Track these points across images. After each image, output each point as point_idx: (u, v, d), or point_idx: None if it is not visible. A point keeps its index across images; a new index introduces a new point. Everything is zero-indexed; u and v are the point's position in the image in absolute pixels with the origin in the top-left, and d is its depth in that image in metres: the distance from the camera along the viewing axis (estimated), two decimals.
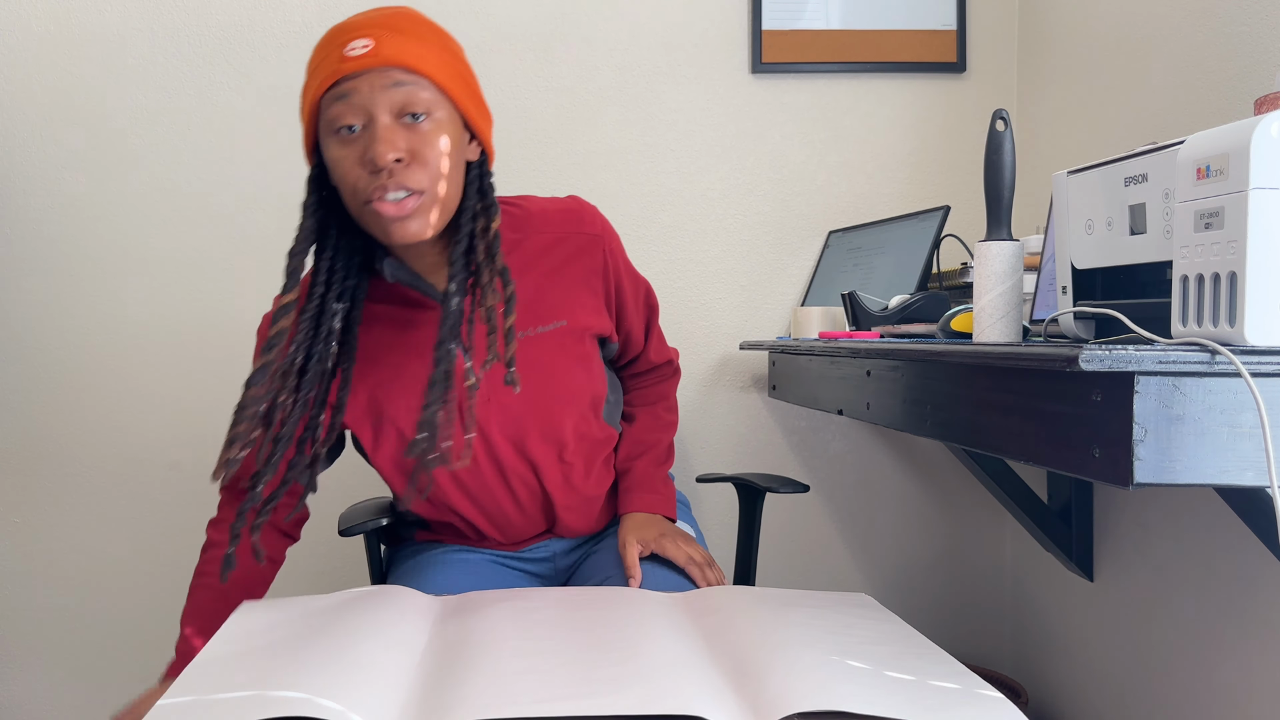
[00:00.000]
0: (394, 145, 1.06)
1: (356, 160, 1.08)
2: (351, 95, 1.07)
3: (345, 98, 1.07)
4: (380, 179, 1.07)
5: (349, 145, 1.08)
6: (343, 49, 1.08)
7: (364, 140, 1.08)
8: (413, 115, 1.08)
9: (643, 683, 0.80)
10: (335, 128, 1.08)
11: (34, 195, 1.99)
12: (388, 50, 1.07)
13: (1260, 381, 0.76)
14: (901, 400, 1.24)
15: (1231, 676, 1.48)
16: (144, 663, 2.04)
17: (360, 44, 1.07)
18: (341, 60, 1.07)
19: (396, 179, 1.07)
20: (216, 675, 0.85)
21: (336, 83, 1.07)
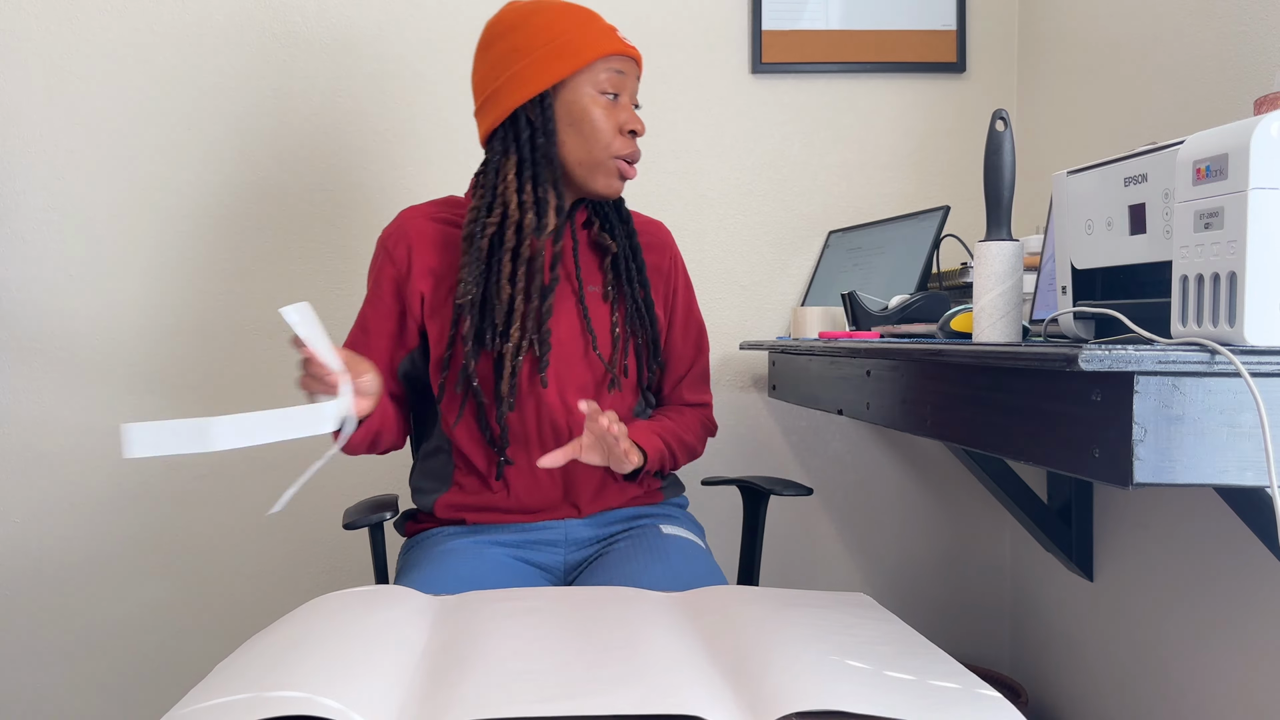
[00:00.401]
0: (644, 125, 1.37)
1: (615, 123, 1.34)
2: (625, 72, 1.34)
3: (620, 72, 1.34)
4: (632, 145, 1.35)
5: (610, 109, 1.34)
6: (615, 33, 1.34)
7: (623, 111, 1.34)
8: (635, 105, 1.39)
9: (641, 682, 0.80)
10: (603, 89, 1.33)
11: (34, 195, 1.99)
12: (638, 53, 1.38)
13: (1260, 381, 0.76)
14: (901, 400, 1.24)
15: (1231, 676, 1.48)
16: (144, 662, 2.04)
17: (623, 36, 1.36)
18: (621, 42, 1.34)
19: (636, 150, 1.37)
20: (221, 679, 0.85)
21: (616, 55, 1.33)
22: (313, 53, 2.02)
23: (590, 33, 1.32)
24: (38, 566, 2.02)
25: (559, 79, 1.31)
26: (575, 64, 1.31)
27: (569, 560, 1.42)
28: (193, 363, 2.03)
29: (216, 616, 2.05)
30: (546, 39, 1.31)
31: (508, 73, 1.33)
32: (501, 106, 1.33)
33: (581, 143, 1.33)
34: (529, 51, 1.32)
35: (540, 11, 1.34)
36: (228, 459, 2.04)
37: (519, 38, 1.33)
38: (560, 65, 1.31)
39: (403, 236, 1.39)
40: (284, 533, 2.06)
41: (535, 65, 1.31)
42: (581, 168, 1.35)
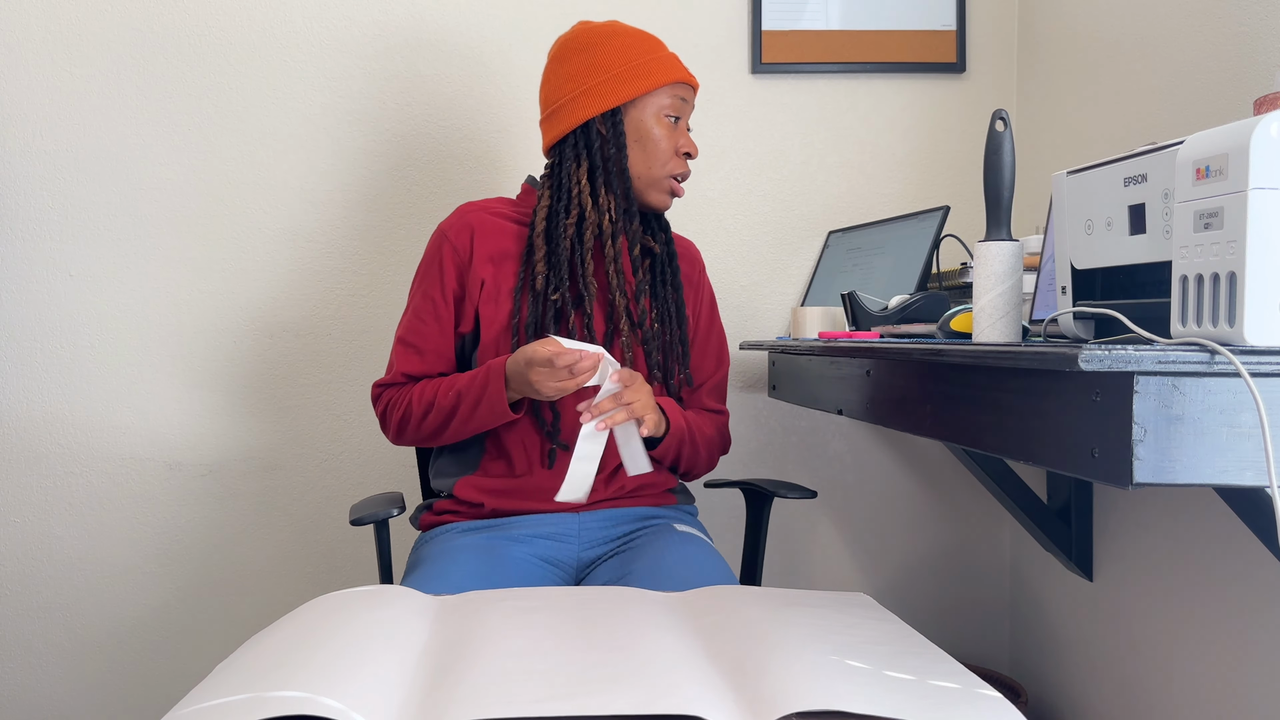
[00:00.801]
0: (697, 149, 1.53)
1: (674, 145, 1.46)
2: (685, 99, 1.47)
3: (683, 99, 1.47)
4: (685, 166, 1.48)
5: (670, 131, 1.46)
6: (678, 61, 1.47)
7: (681, 134, 1.47)
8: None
9: (641, 682, 0.80)
10: (666, 112, 1.45)
11: (34, 195, 1.99)
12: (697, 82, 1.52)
13: (1260, 381, 0.76)
14: (901, 400, 1.24)
15: (1231, 676, 1.48)
16: (144, 662, 2.04)
17: (684, 64, 1.50)
18: (685, 70, 1.47)
19: (688, 171, 1.50)
20: (221, 679, 0.85)
21: (681, 83, 1.46)
22: (311, 52, 2.02)
23: (661, 60, 1.45)
24: (37, 566, 2.02)
25: (632, 97, 1.43)
26: (647, 85, 1.43)
27: (582, 557, 1.44)
28: (193, 363, 2.03)
29: (216, 616, 2.05)
30: (623, 60, 1.44)
31: (584, 85, 1.44)
32: (575, 116, 1.44)
33: (644, 159, 1.45)
34: (607, 69, 1.43)
35: (617, 35, 1.46)
36: (228, 459, 2.04)
37: (598, 55, 1.44)
38: (634, 85, 1.43)
39: (465, 226, 1.47)
40: (284, 532, 2.06)
41: (611, 82, 1.43)
42: (640, 181, 1.46)
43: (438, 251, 1.47)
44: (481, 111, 2.05)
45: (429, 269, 1.48)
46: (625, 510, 1.47)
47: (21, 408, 2.00)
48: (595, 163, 1.43)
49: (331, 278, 2.04)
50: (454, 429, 1.41)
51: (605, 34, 1.46)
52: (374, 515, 1.44)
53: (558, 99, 1.46)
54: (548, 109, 1.48)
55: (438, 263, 1.47)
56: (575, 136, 1.45)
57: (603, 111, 1.43)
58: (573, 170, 1.44)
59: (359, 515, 1.44)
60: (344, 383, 2.06)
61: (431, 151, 2.05)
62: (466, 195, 2.06)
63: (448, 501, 1.49)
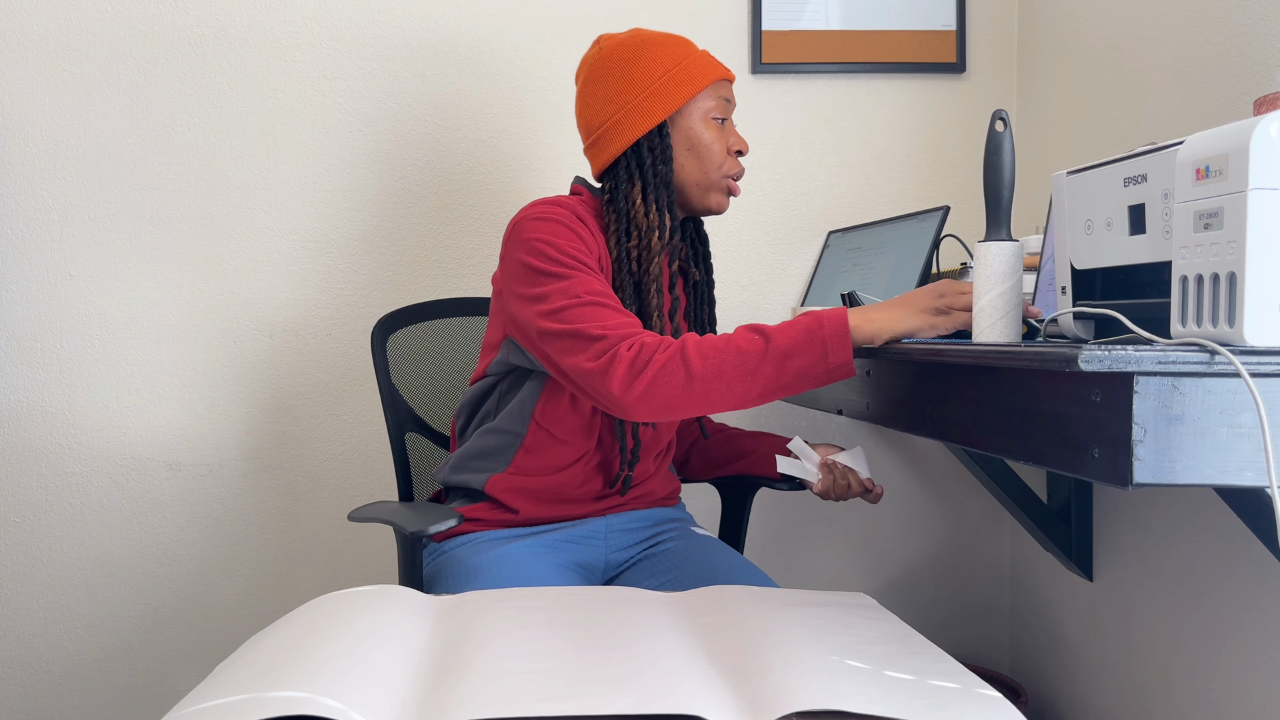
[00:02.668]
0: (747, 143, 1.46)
1: (725, 145, 1.42)
2: (728, 97, 1.43)
3: (726, 99, 1.42)
4: (739, 165, 1.44)
5: (720, 132, 1.42)
6: (711, 57, 1.42)
7: (730, 133, 1.43)
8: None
9: (641, 682, 0.80)
10: (713, 114, 1.41)
11: (34, 195, 1.99)
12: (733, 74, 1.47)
13: (1260, 382, 0.76)
14: (901, 400, 1.24)
15: (1231, 676, 1.48)
16: (144, 662, 2.04)
17: (722, 61, 1.38)
18: (722, 66, 1.42)
19: (742, 169, 1.45)
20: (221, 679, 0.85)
21: (722, 81, 1.42)
22: (312, 52, 2.02)
23: (696, 62, 1.41)
24: (38, 566, 2.02)
25: (675, 109, 1.39)
26: (689, 93, 1.40)
27: (610, 560, 1.45)
28: (193, 362, 2.03)
29: (216, 616, 2.05)
30: (660, 72, 1.39)
31: (626, 106, 1.39)
32: (623, 139, 1.40)
33: (698, 165, 1.41)
34: (645, 85, 1.39)
35: (646, 45, 1.41)
36: (228, 459, 2.05)
37: (632, 71, 1.40)
38: (676, 96, 1.39)
39: (577, 217, 1.37)
40: (284, 533, 2.06)
41: (653, 98, 1.39)
42: (698, 188, 1.43)
43: (573, 240, 1.32)
44: (482, 111, 2.05)
45: (575, 244, 1.31)
46: (647, 512, 1.49)
47: (22, 408, 2.00)
48: (648, 180, 1.39)
49: (331, 278, 2.04)
50: (744, 385, 1.15)
51: (634, 47, 1.41)
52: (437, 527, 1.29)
53: (599, 123, 1.41)
54: (591, 135, 1.43)
55: (577, 250, 1.31)
56: (626, 158, 1.40)
57: (649, 130, 1.39)
58: (629, 192, 1.39)
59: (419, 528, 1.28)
60: (344, 383, 2.06)
61: (431, 152, 2.05)
62: (466, 195, 2.06)
63: (478, 507, 1.44)
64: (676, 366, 1.16)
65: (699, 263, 1.53)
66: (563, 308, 1.24)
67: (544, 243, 1.29)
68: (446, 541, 1.44)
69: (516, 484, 1.43)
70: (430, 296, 2.05)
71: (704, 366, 1.15)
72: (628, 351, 1.18)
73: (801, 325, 1.15)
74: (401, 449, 1.67)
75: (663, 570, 1.39)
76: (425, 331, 1.75)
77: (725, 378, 1.15)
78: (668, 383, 1.16)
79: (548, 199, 1.40)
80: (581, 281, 1.26)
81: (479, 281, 2.07)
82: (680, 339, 1.19)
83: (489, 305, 1.83)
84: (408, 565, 1.34)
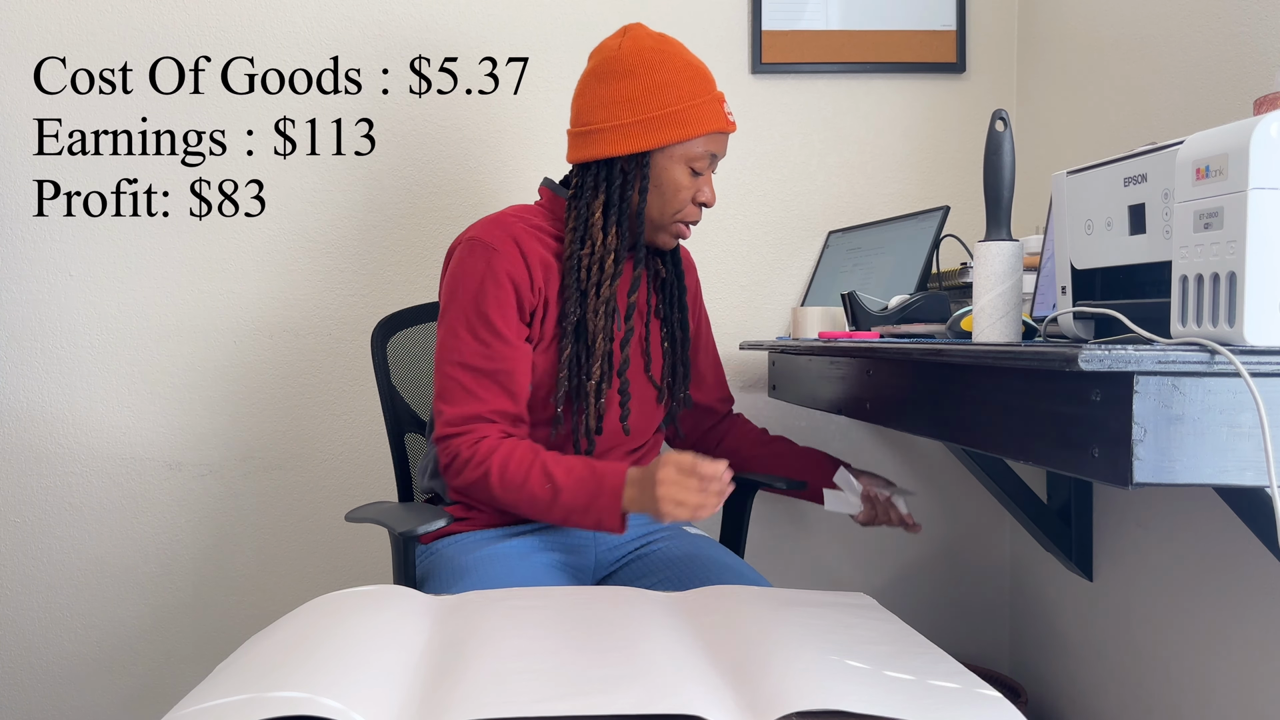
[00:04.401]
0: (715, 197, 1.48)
1: (691, 193, 1.41)
2: (717, 153, 1.42)
3: (714, 154, 1.41)
4: (698, 215, 1.44)
5: (692, 182, 1.41)
6: (722, 106, 1.41)
7: (702, 183, 1.42)
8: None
9: (641, 682, 0.80)
10: (693, 164, 1.39)
11: (33, 195, 1.99)
12: (735, 125, 1.47)
13: (1260, 381, 0.76)
14: (901, 400, 1.24)
15: (1231, 676, 1.48)
16: (144, 662, 2.04)
17: (728, 109, 1.43)
18: (725, 118, 1.41)
19: (700, 217, 1.46)
20: (221, 679, 0.85)
21: (717, 133, 1.40)
22: (311, 52, 2.02)
23: (702, 107, 1.39)
24: (37, 566, 2.02)
25: (663, 144, 1.38)
26: (680, 136, 1.38)
27: (600, 559, 1.45)
28: (193, 362, 2.03)
29: (216, 616, 2.05)
30: (660, 103, 1.37)
31: (615, 122, 1.38)
32: (600, 149, 1.39)
33: (659, 203, 1.41)
34: (643, 110, 1.37)
35: (663, 66, 1.38)
36: (228, 459, 2.04)
37: (635, 88, 1.38)
38: (666, 134, 1.38)
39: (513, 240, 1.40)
40: (284, 533, 2.06)
41: (643, 126, 1.38)
42: (650, 224, 1.43)
43: (491, 268, 1.36)
44: (482, 111, 2.05)
45: (487, 286, 1.36)
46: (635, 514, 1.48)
47: (21, 408, 2.00)
48: (611, 199, 1.39)
49: (331, 278, 2.04)
50: (535, 517, 1.32)
51: (650, 63, 1.38)
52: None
53: (588, 123, 1.40)
54: (577, 126, 1.42)
55: (499, 281, 1.36)
56: (598, 167, 1.40)
57: (629, 153, 1.38)
58: (590, 201, 1.40)
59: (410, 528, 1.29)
60: (344, 383, 2.06)
61: (432, 151, 2.05)
62: (466, 195, 2.06)
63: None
64: (483, 485, 1.31)
65: (665, 298, 1.51)
66: (444, 360, 1.37)
67: (462, 277, 1.37)
68: (437, 541, 1.44)
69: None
70: (431, 298, 2.05)
71: (503, 495, 1.31)
72: (447, 454, 1.34)
73: (585, 491, 1.27)
74: (401, 449, 1.67)
75: (655, 571, 1.39)
76: (426, 333, 1.75)
77: (518, 508, 1.31)
78: (476, 489, 1.33)
79: (493, 219, 1.41)
80: (467, 346, 1.35)
81: None
82: (490, 461, 1.30)
83: None
84: (401, 565, 1.35)
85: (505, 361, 1.35)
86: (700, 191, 1.42)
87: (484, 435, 1.33)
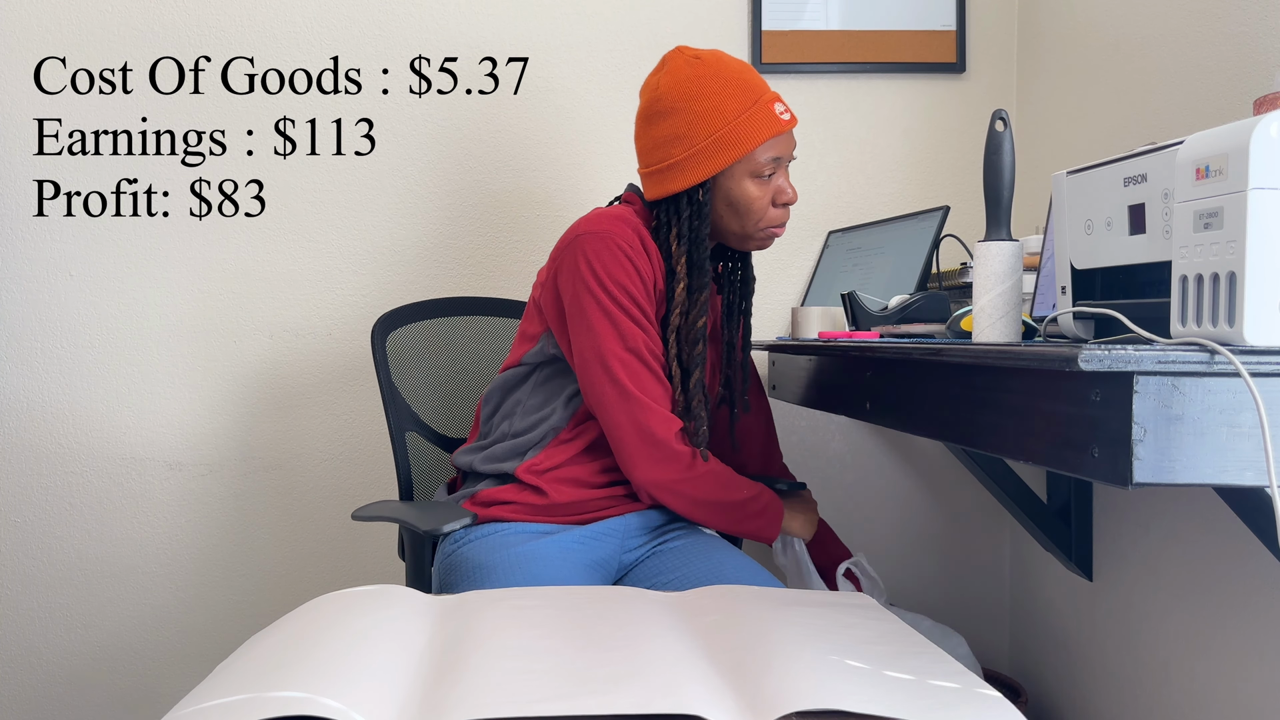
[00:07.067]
0: (794, 190, 1.44)
1: (768, 199, 1.41)
2: (780, 156, 1.41)
3: (776, 158, 1.40)
4: (784, 215, 1.44)
5: (764, 187, 1.41)
6: (771, 108, 1.39)
7: (776, 184, 1.41)
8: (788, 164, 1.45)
9: (640, 682, 0.80)
10: (759, 173, 1.39)
11: (33, 195, 1.99)
12: (794, 117, 1.42)
13: (1259, 381, 0.76)
14: (901, 400, 1.24)
15: (1231, 676, 1.48)
16: (144, 662, 2.04)
17: (781, 108, 1.41)
18: (779, 120, 1.39)
19: (788, 215, 1.45)
20: (221, 679, 0.85)
21: (775, 138, 1.39)
22: (311, 51, 2.02)
23: (753, 117, 1.38)
24: (38, 567, 2.02)
25: (719, 170, 1.39)
26: (734, 157, 1.38)
27: (623, 560, 1.46)
28: (193, 362, 2.03)
29: (216, 616, 2.05)
30: (707, 130, 1.37)
31: (670, 160, 1.40)
32: (664, 188, 1.41)
33: (737, 220, 1.42)
34: (692, 142, 1.38)
35: (700, 95, 1.38)
36: (228, 459, 2.04)
37: (680, 125, 1.39)
38: (720, 159, 1.38)
39: (639, 237, 1.42)
40: (284, 532, 2.06)
41: (696, 157, 1.38)
42: (736, 239, 1.45)
43: (630, 263, 1.38)
44: (482, 111, 2.05)
45: (628, 278, 1.38)
46: (656, 511, 1.50)
47: (22, 408, 2.00)
48: (683, 231, 1.41)
49: (331, 277, 2.04)
50: (713, 516, 1.41)
51: (689, 94, 1.38)
52: (452, 526, 1.31)
53: (648, 164, 1.43)
54: (643, 168, 1.45)
55: (635, 273, 1.39)
56: (668, 204, 1.42)
57: (688, 187, 1.40)
58: (669, 233, 1.42)
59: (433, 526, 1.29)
60: (344, 382, 2.06)
61: (431, 151, 2.05)
62: (466, 195, 2.06)
63: (507, 489, 1.43)
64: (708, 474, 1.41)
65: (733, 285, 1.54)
66: (617, 357, 1.37)
67: (602, 270, 1.37)
68: (474, 530, 1.42)
69: (549, 468, 1.44)
70: (430, 297, 2.05)
71: (719, 489, 1.41)
72: (678, 438, 1.39)
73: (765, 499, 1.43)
74: (402, 448, 1.67)
75: (671, 568, 1.40)
76: (425, 330, 1.75)
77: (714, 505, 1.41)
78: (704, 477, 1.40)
79: (610, 213, 1.42)
80: (632, 333, 1.37)
81: (479, 280, 2.07)
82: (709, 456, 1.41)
83: (492, 303, 1.84)
84: (416, 565, 1.34)
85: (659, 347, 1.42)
86: (779, 194, 1.42)
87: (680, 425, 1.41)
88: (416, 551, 1.34)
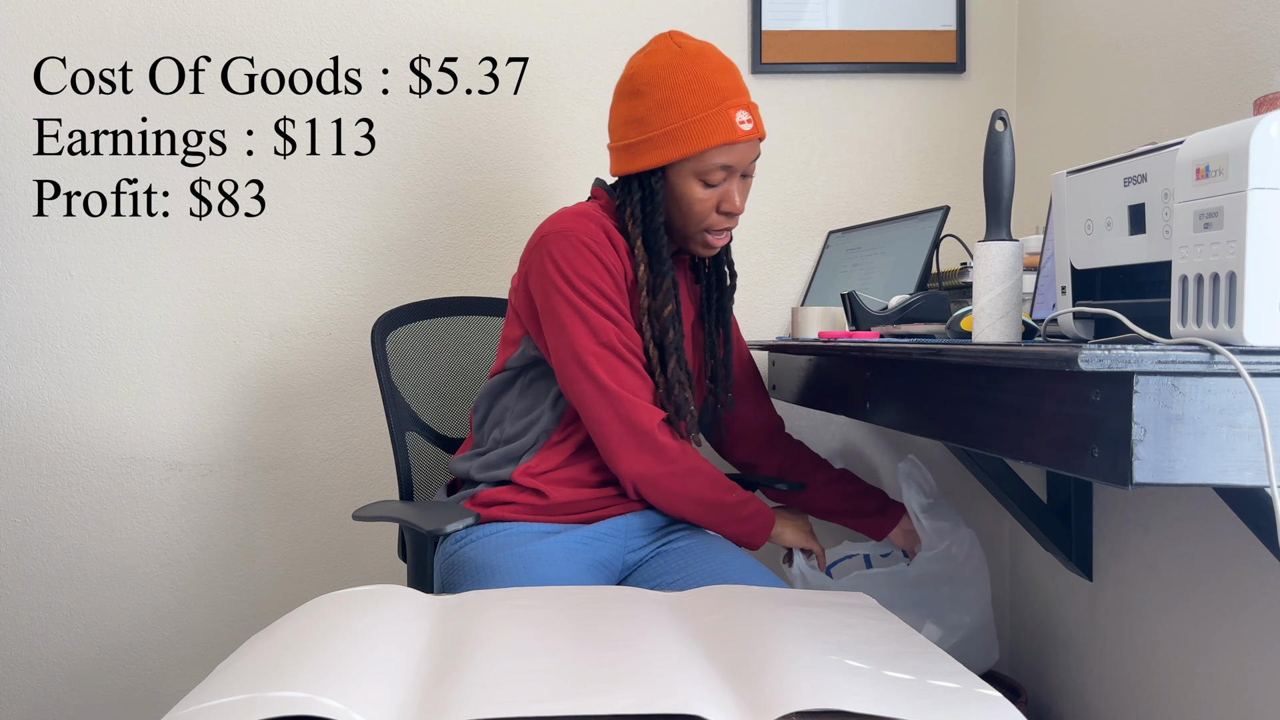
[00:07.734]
0: (743, 201, 1.43)
1: (712, 203, 1.41)
2: (732, 166, 1.39)
3: (726, 166, 1.39)
4: (725, 222, 1.43)
5: (709, 193, 1.40)
6: (732, 115, 1.38)
7: (721, 192, 1.41)
8: (745, 175, 1.43)
9: (640, 682, 0.80)
10: (705, 178, 1.39)
11: (33, 195, 1.99)
12: (759, 127, 1.41)
13: (1259, 381, 0.76)
14: (901, 400, 1.24)
15: (1231, 676, 1.48)
16: (145, 662, 2.04)
17: (744, 118, 1.39)
18: (734, 129, 1.37)
19: (731, 221, 1.44)
20: (221, 679, 0.85)
21: (728, 145, 1.38)
22: (310, 51, 2.02)
23: (709, 120, 1.38)
24: (38, 567, 2.02)
25: (666, 163, 1.40)
26: (682, 152, 1.38)
27: (627, 560, 1.46)
28: (193, 362, 2.03)
29: (216, 616, 2.05)
30: (663, 120, 1.39)
31: (626, 141, 1.43)
32: (621, 166, 1.44)
33: (679, 216, 1.43)
34: (647, 128, 1.40)
35: (667, 83, 1.39)
36: (228, 459, 2.04)
37: (642, 107, 1.40)
38: (669, 152, 1.39)
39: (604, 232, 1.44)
40: (284, 532, 2.06)
41: (648, 145, 1.40)
42: (677, 235, 1.46)
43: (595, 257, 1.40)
44: (483, 111, 2.05)
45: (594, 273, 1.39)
46: (657, 512, 1.50)
47: (22, 407, 2.00)
48: (635, 213, 1.43)
49: (331, 277, 2.04)
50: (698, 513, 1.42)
51: (658, 81, 1.40)
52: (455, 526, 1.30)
53: (612, 139, 1.47)
54: (610, 142, 1.48)
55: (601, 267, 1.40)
56: (624, 182, 1.45)
57: (639, 171, 1.42)
58: (626, 210, 1.44)
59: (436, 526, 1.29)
60: (344, 382, 2.06)
61: (431, 151, 2.05)
62: (466, 195, 2.06)
63: (505, 490, 1.44)
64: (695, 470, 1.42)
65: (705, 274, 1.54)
66: (591, 353, 1.37)
67: (569, 267, 1.38)
68: (476, 530, 1.42)
69: (545, 471, 1.44)
70: (430, 297, 2.05)
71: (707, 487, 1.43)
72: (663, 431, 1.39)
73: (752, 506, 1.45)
74: (402, 448, 1.67)
75: (675, 569, 1.40)
76: (425, 330, 1.75)
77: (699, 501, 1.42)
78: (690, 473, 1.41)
79: (574, 211, 1.43)
80: (603, 327, 1.38)
81: (478, 280, 2.07)
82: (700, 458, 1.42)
83: (491, 304, 1.84)
84: (418, 565, 1.34)
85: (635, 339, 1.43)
86: (724, 200, 1.42)
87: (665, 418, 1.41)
88: (418, 551, 1.34)
